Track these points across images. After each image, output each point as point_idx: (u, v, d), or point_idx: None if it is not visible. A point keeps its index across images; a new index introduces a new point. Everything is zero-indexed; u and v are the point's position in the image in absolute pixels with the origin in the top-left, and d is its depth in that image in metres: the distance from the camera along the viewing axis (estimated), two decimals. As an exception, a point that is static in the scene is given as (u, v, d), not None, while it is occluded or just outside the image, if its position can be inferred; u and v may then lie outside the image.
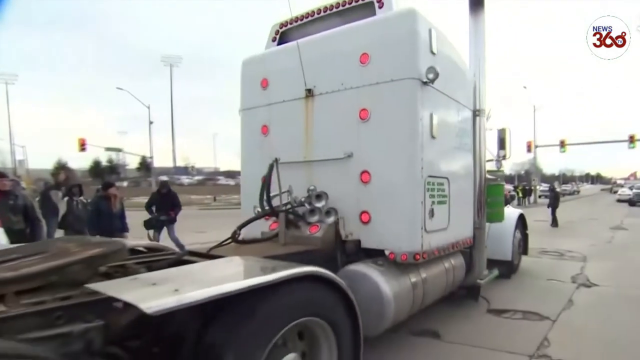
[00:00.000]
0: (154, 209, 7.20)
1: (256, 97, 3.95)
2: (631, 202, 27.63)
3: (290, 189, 3.36)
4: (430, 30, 3.10)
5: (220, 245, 2.98)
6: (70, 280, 1.80)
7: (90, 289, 1.67)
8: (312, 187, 3.35)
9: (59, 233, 6.39)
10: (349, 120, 3.25)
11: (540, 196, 31.21)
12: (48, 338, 1.55)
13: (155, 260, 2.38)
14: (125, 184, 48.18)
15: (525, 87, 42.23)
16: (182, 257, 2.43)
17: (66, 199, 6.43)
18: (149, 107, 30.41)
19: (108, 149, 30.00)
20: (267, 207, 3.30)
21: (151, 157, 33.98)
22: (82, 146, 23.47)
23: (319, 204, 3.24)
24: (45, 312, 1.64)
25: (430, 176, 3.14)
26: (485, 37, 4.09)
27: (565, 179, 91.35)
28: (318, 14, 3.74)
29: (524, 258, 6.33)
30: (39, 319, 1.61)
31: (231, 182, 54.93)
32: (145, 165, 45.49)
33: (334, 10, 3.63)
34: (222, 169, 70.70)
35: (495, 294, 5.02)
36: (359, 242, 3.19)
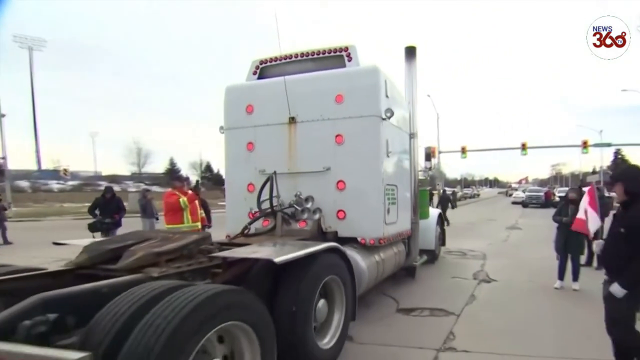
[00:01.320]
0: (97, 212, 8.02)
1: (241, 119, 5.23)
2: (524, 204, 32.60)
3: (278, 194, 4.73)
4: (386, 81, 4.78)
5: (234, 238, 4.25)
6: (188, 253, 3.01)
7: (212, 256, 2.93)
8: (299, 193, 4.77)
9: None
10: (327, 142, 4.75)
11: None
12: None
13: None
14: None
15: (428, 96, 48.01)
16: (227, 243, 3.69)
17: None
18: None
19: None
20: (265, 208, 4.63)
21: (4, 158, 29.66)
22: None
23: (308, 205, 4.68)
24: (181, 273, 2.85)
25: (387, 184, 4.81)
26: (416, 79, 5.96)
27: (466, 183, 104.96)
28: (296, 57, 5.19)
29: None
30: (178, 276, 2.81)
31: (116, 187, 51.78)
32: (-5, 167, 40.24)
33: (310, 57, 5.12)
34: (105, 172, 66.13)
35: (404, 294, 5.86)
36: (336, 233, 4.70)
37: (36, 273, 2.72)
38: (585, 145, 33.16)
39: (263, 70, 5.38)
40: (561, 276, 6.14)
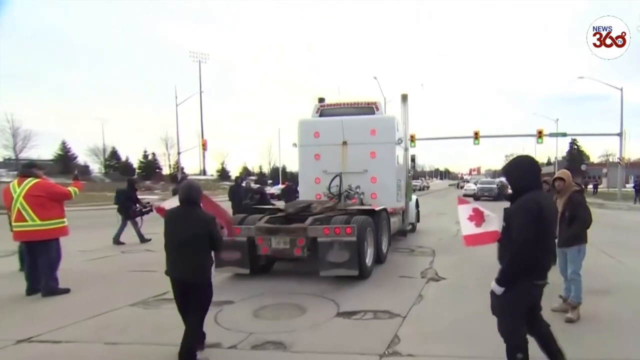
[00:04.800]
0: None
1: (311, 140, 11.27)
2: (476, 197, 36.88)
3: (340, 185, 10.86)
4: (397, 122, 11.13)
5: (321, 207, 10.38)
6: (333, 207, 9.19)
7: (359, 207, 9.16)
8: (350, 184, 10.94)
9: None
10: (365, 156, 10.96)
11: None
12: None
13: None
14: None
15: (375, 78, 48.47)
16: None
17: None
18: None
19: None
20: (334, 192, 10.77)
21: None
22: None
23: (358, 191, 10.88)
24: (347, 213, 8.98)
25: (398, 179, 11.19)
26: (409, 113, 12.39)
27: (415, 174, 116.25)
28: (344, 106, 11.38)
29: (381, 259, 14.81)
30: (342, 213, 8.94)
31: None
32: None
33: (352, 106, 11.33)
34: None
35: (346, 296, 6.89)
36: (370, 205, 10.95)
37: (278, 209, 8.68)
38: (540, 134, 37.86)
39: (322, 111, 11.46)
40: None
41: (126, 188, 13.99)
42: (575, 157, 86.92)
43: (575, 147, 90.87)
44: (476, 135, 38.14)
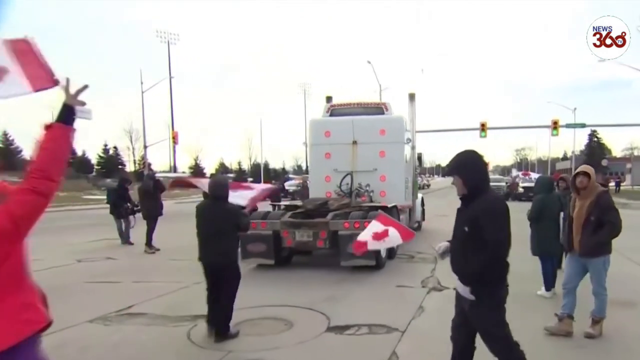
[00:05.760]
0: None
1: (322, 139, 13.56)
2: None
3: (351, 183, 13.15)
4: (405, 122, 13.47)
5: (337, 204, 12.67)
6: (349, 204, 11.51)
7: (374, 205, 11.46)
8: (360, 182, 13.23)
9: None
10: (375, 155, 13.26)
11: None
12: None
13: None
14: None
15: (369, 62, 51.04)
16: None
17: None
18: None
19: None
20: (345, 190, 13.06)
21: None
22: None
23: (368, 189, 13.19)
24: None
25: (406, 178, 13.54)
26: (416, 112, 14.72)
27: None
28: (354, 106, 13.69)
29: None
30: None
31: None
32: None
33: (363, 106, 13.65)
34: None
35: (339, 308, 7.03)
36: (380, 203, 13.24)
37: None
38: (555, 125, 38.23)
39: (333, 111, 13.74)
40: (551, 282, 7.94)
41: (116, 186, 15.75)
42: (595, 150, 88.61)
43: (595, 139, 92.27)
44: (483, 127, 38.35)
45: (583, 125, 45.38)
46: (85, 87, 2.82)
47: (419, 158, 16.16)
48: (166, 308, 7.53)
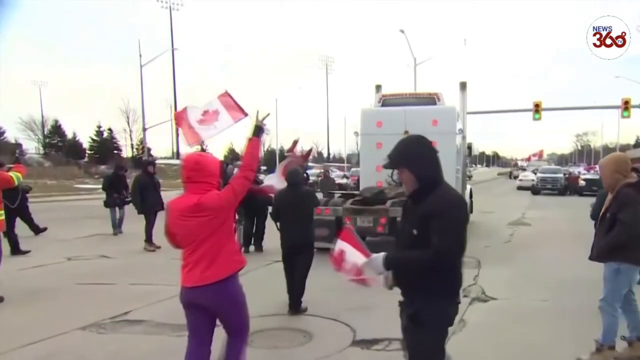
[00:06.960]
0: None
1: (373, 129, 16.59)
2: (534, 190, 39.10)
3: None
4: (458, 113, 16.53)
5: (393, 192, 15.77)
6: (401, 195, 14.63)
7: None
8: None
9: None
10: (427, 146, 16.32)
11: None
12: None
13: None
14: None
15: (402, 31, 50.39)
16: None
17: None
18: None
19: None
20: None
21: None
22: None
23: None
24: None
25: (456, 168, 16.62)
26: (466, 103, 17.75)
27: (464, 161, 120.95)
28: (406, 96, 16.77)
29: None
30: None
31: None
32: None
33: (414, 97, 16.73)
34: None
35: (365, 320, 7.16)
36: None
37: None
38: (627, 106, 35.52)
39: (385, 101, 16.82)
40: None
41: (111, 174, 17.43)
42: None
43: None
44: (537, 108, 37.16)
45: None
46: (268, 114, 5.09)
47: (469, 148, 19.09)
48: (167, 314, 7.64)
